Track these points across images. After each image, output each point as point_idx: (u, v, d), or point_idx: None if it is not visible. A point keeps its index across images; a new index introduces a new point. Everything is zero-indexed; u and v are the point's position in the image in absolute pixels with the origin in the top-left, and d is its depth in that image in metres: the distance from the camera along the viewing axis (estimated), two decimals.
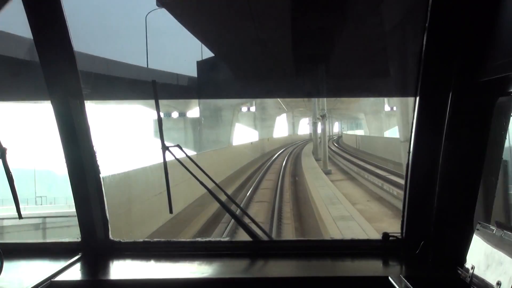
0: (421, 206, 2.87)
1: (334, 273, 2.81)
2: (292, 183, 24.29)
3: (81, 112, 2.95)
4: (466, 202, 2.66)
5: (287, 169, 30.82)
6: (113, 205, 8.79)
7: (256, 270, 3.00)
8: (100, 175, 3.08)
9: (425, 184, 2.82)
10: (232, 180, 24.12)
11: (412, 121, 2.80)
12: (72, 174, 2.98)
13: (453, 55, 2.53)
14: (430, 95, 2.69)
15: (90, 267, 2.96)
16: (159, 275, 2.81)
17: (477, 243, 2.36)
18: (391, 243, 2.99)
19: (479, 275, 2.25)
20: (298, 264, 2.99)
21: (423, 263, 2.78)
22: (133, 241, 3.21)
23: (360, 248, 3.07)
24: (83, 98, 2.95)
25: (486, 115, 2.53)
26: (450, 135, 2.61)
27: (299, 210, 17.63)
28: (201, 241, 3.24)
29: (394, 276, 2.55)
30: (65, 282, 2.64)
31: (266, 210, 17.48)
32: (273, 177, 26.89)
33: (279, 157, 40.52)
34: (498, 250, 2.16)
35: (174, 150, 3.05)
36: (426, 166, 2.79)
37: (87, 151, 2.99)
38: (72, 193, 3.01)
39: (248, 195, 19.75)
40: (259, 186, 23.57)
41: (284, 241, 3.39)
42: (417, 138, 2.79)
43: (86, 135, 2.98)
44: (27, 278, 2.58)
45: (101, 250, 3.09)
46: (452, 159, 2.63)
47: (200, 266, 2.87)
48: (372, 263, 2.95)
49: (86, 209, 3.03)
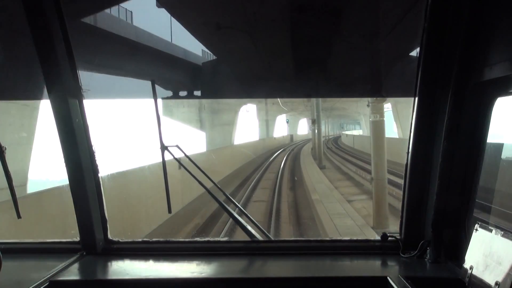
0: (420, 207, 2.87)
1: (333, 273, 2.81)
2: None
3: (80, 112, 2.94)
4: (465, 203, 2.66)
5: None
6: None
7: (254, 270, 3.00)
8: (99, 174, 3.08)
9: (424, 184, 2.82)
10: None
11: (411, 122, 2.81)
12: (71, 174, 2.98)
13: (451, 56, 2.53)
14: (429, 96, 2.70)
15: (89, 266, 2.96)
16: (158, 274, 2.81)
17: (476, 243, 2.36)
18: (390, 243, 3.00)
19: (477, 276, 2.25)
20: (297, 264, 2.99)
21: (422, 263, 2.79)
22: (132, 240, 3.21)
23: (359, 248, 3.07)
24: (82, 97, 2.94)
25: (484, 116, 2.53)
26: (448, 136, 2.61)
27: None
28: (199, 241, 3.23)
29: (392, 276, 2.55)
30: (64, 282, 2.64)
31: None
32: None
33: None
34: (497, 250, 2.16)
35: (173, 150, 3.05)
36: (425, 166, 2.79)
37: (86, 151, 2.98)
38: (71, 192, 3.01)
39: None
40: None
41: (282, 240, 3.38)
42: (416, 139, 2.80)
43: (85, 135, 2.97)
44: (26, 278, 2.58)
45: (100, 250, 3.08)
46: (451, 159, 2.64)
47: (198, 266, 2.87)
48: (370, 263, 2.95)
49: (85, 209, 3.02)
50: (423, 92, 2.70)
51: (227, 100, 33.04)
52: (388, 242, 3.01)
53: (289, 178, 27.40)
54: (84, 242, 3.08)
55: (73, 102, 2.89)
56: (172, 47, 15.16)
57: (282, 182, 25.41)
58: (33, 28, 2.71)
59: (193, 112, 33.27)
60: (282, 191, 22.83)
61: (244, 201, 19.46)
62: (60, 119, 2.88)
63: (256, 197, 21.30)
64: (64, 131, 2.90)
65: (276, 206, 18.76)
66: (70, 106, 2.86)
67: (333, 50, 4.69)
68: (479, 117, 2.54)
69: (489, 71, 2.32)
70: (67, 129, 2.89)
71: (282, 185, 24.54)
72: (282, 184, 24.89)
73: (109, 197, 3.13)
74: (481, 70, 2.38)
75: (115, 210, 12.17)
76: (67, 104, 2.85)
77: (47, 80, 2.82)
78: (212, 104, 32.39)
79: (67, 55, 2.83)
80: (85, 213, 3.03)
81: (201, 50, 15.26)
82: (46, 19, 2.68)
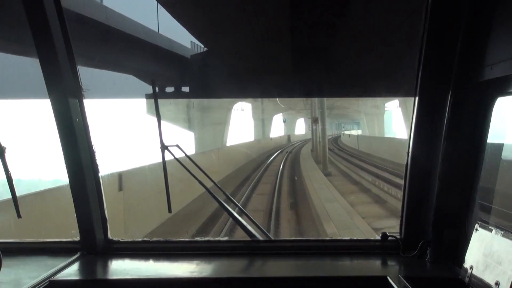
0: (420, 206, 2.87)
1: (333, 273, 2.81)
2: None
3: (81, 111, 2.94)
4: (465, 202, 2.66)
5: None
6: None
7: (254, 270, 3.00)
8: (99, 174, 3.08)
9: (424, 184, 2.82)
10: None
11: (411, 122, 2.81)
12: (71, 173, 2.97)
13: (452, 56, 2.53)
14: (429, 95, 2.70)
15: (89, 266, 2.96)
16: (158, 274, 2.81)
17: (475, 243, 2.37)
18: (390, 243, 3.00)
19: (477, 275, 2.25)
20: (297, 263, 2.99)
21: (422, 263, 2.79)
22: (132, 240, 3.21)
23: (359, 248, 3.07)
24: (82, 96, 2.95)
25: (484, 116, 2.53)
26: (449, 136, 2.61)
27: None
28: (199, 241, 3.23)
29: (392, 276, 2.55)
30: (64, 281, 2.64)
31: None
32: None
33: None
34: (497, 250, 2.16)
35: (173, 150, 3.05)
36: (425, 166, 2.80)
37: (86, 150, 2.98)
38: (71, 192, 3.01)
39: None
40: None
41: (282, 240, 3.38)
42: (416, 139, 2.80)
43: (85, 134, 2.97)
44: (26, 277, 2.58)
45: (100, 249, 3.08)
46: (451, 159, 2.64)
47: (198, 266, 2.87)
48: (371, 263, 2.95)
49: (85, 208, 3.02)
50: (423, 92, 2.71)
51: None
52: (388, 242, 3.01)
53: (289, 192, 21.01)
54: (84, 242, 3.08)
55: (73, 102, 2.89)
56: (156, 36, 13.20)
57: (280, 201, 18.53)
58: (33, 27, 2.71)
59: (180, 110, 29.49)
60: (280, 215, 15.97)
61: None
62: (60, 118, 2.88)
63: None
64: (64, 130, 2.90)
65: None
66: (70, 105, 2.86)
67: (333, 50, 4.69)
68: (479, 117, 2.54)
69: (489, 71, 2.32)
70: (67, 129, 2.89)
71: (280, 205, 17.54)
72: (280, 204, 17.79)
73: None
74: (481, 70, 2.38)
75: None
76: (67, 104, 2.85)
77: (47, 79, 2.83)
78: (202, 101, 28.87)
79: (67, 54, 2.83)
80: (85, 212, 3.03)
81: (190, 42, 13.73)
82: (46, 19, 2.68)
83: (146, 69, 12.99)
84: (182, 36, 12.54)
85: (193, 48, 13.70)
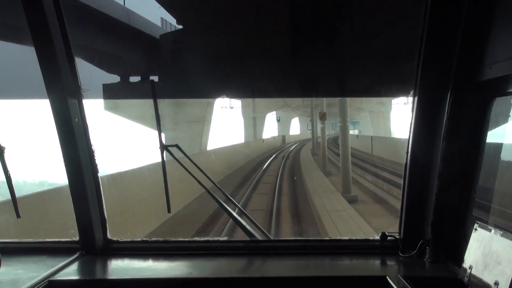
0: (419, 206, 2.87)
1: (332, 273, 2.81)
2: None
3: (80, 111, 2.94)
4: (464, 202, 2.66)
5: None
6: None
7: (254, 270, 3.00)
8: (98, 174, 3.08)
9: (423, 183, 2.83)
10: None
11: (410, 121, 2.81)
12: (70, 173, 2.97)
13: (451, 56, 2.53)
14: (428, 95, 2.70)
15: (88, 266, 2.96)
16: (157, 274, 2.81)
17: (475, 243, 2.37)
18: (389, 243, 3.00)
19: (477, 275, 2.25)
20: (296, 263, 2.99)
21: (421, 263, 2.79)
22: (131, 240, 3.21)
23: (358, 248, 3.07)
24: (81, 96, 2.95)
25: (483, 116, 2.54)
26: (448, 135, 2.61)
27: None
28: (199, 240, 3.23)
29: (392, 275, 2.55)
30: (63, 281, 2.63)
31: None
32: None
33: None
34: (496, 250, 2.17)
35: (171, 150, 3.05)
36: (424, 166, 2.80)
37: (85, 150, 2.98)
38: (71, 192, 3.01)
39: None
40: None
41: (282, 240, 3.38)
42: (415, 138, 2.80)
43: (85, 134, 2.97)
44: (25, 277, 2.58)
45: (99, 249, 3.08)
46: (450, 159, 2.64)
47: (198, 266, 2.87)
48: (370, 263, 2.96)
49: (84, 208, 3.02)
50: (422, 92, 2.71)
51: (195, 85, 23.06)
52: (388, 241, 3.01)
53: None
54: (84, 242, 3.08)
55: (72, 102, 2.89)
56: (110, 6, 9.73)
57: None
58: (33, 27, 2.71)
59: (147, 105, 23.36)
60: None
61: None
62: (59, 118, 2.88)
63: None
64: (63, 130, 2.90)
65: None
66: (69, 105, 2.86)
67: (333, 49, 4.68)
68: (478, 116, 2.54)
69: (488, 71, 2.32)
70: (67, 129, 2.89)
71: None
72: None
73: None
74: (480, 70, 2.39)
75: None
76: (67, 104, 2.85)
77: (46, 79, 2.82)
78: (174, 93, 23.56)
79: (67, 54, 2.83)
80: (84, 212, 3.03)
81: (160, 19, 10.82)
82: (45, 19, 2.68)
83: (100, 50, 9.67)
84: (149, 10, 10.11)
85: (163, 27, 11.02)
